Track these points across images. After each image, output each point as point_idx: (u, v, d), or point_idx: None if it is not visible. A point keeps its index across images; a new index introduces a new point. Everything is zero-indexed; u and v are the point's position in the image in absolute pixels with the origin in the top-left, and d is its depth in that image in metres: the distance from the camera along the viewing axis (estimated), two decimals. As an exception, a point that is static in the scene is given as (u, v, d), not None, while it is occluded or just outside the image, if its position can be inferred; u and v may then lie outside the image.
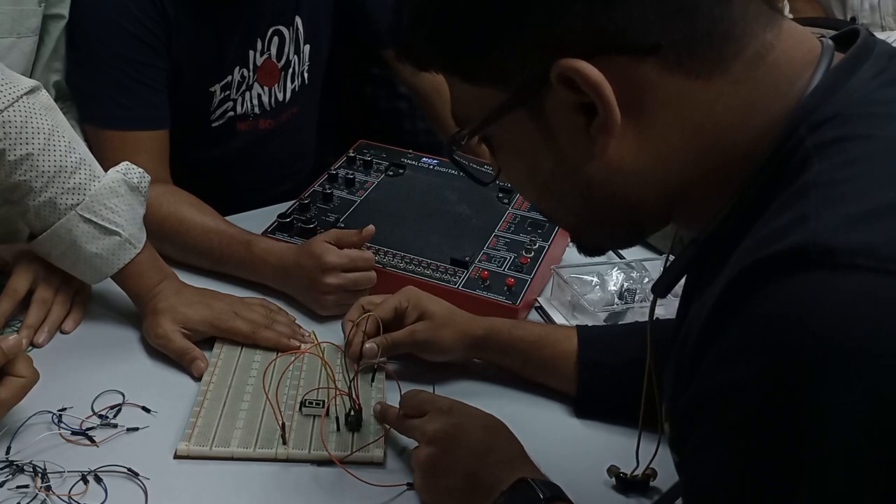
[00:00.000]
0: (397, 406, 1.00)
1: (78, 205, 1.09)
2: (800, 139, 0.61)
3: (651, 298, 0.82)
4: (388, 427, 1.01)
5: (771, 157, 0.62)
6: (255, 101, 1.52)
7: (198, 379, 1.09)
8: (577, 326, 1.11)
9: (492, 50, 0.64)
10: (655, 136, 0.64)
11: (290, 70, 1.54)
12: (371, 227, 1.25)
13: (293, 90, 1.56)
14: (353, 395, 1.01)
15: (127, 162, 1.17)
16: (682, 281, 0.74)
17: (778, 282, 0.53)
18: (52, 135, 1.09)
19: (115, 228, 1.11)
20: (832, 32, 0.69)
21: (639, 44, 0.61)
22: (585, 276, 1.29)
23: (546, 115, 0.65)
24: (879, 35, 2.20)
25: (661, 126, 0.64)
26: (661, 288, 0.76)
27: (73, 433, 0.99)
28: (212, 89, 1.45)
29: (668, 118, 0.64)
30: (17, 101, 1.08)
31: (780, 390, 0.53)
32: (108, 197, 1.12)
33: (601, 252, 0.81)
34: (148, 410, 1.03)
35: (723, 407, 0.57)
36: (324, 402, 1.03)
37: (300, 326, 1.20)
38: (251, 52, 1.47)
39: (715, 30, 0.62)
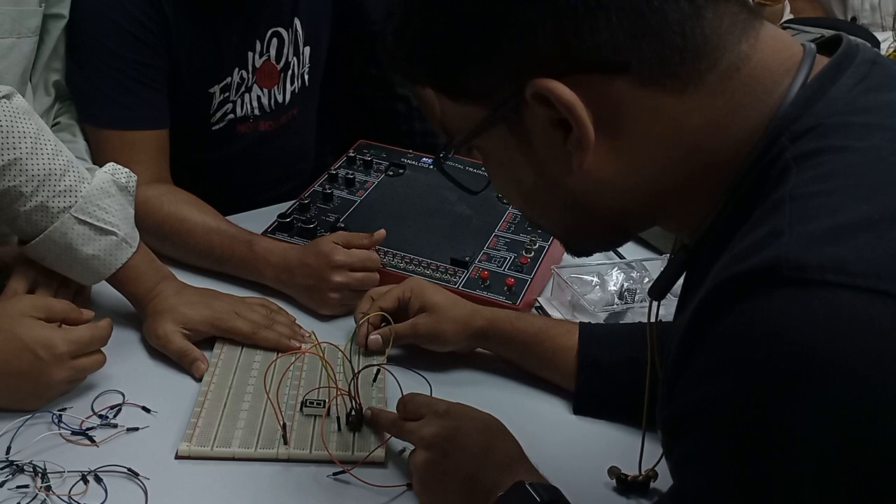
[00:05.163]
0: (391, 410, 1.00)
1: (71, 207, 1.08)
2: (781, 149, 0.62)
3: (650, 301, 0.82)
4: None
5: (752, 165, 0.63)
6: (255, 103, 1.51)
7: (198, 379, 1.09)
8: (580, 323, 1.12)
9: (470, 70, 0.66)
10: (632, 149, 0.66)
11: (290, 72, 1.54)
12: (382, 231, 1.26)
13: (293, 92, 1.56)
14: (354, 395, 1.01)
15: (112, 163, 1.17)
16: (682, 281, 0.75)
17: (751, 298, 0.54)
18: (38, 138, 1.07)
19: (110, 228, 1.11)
20: (819, 37, 0.69)
21: (610, 62, 0.62)
22: (585, 276, 1.29)
23: (526, 130, 0.67)
24: (879, 34, 2.20)
25: (638, 139, 0.65)
26: (656, 291, 0.78)
27: (73, 433, 0.98)
28: (211, 90, 1.45)
29: (644, 132, 0.65)
30: None
31: (752, 406, 0.54)
32: (101, 197, 1.11)
33: (589, 254, 0.83)
34: (148, 410, 1.03)
35: (700, 422, 0.58)
36: (325, 402, 1.03)
37: (300, 326, 1.20)
38: (250, 54, 1.47)
39: (686, 46, 0.62)
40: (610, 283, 1.28)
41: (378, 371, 1.10)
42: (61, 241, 1.08)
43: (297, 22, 1.51)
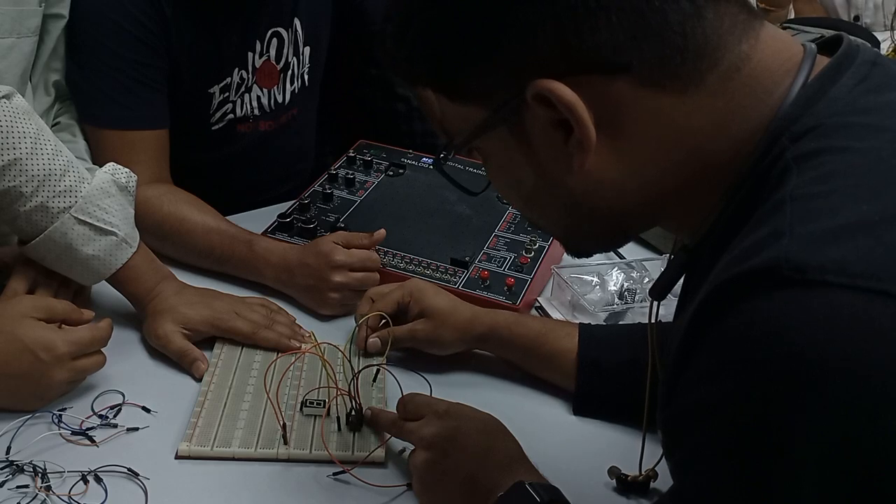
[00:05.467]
0: (391, 410, 1.00)
1: (71, 207, 1.08)
2: (781, 149, 0.62)
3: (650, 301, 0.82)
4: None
5: (753, 166, 0.63)
6: (255, 104, 1.51)
7: (198, 379, 1.09)
8: (580, 324, 1.12)
9: (469, 71, 0.66)
10: (633, 149, 0.66)
11: (290, 72, 1.54)
12: (382, 231, 1.26)
13: (293, 92, 1.56)
14: (354, 395, 1.01)
15: (112, 163, 1.16)
16: (682, 281, 0.75)
17: (751, 299, 0.54)
18: (37, 138, 1.07)
19: (110, 229, 1.10)
20: (819, 37, 0.69)
21: (610, 63, 0.62)
22: (585, 276, 1.29)
23: (526, 131, 0.67)
24: (882, 34, 2.20)
25: (638, 140, 0.65)
26: (656, 292, 0.78)
27: (73, 433, 0.98)
28: (211, 90, 1.45)
29: (645, 132, 0.65)
30: None
31: (752, 406, 0.54)
32: (101, 198, 1.10)
33: (589, 255, 0.83)
34: (148, 410, 1.03)
35: (700, 423, 0.58)
36: (324, 402, 1.03)
37: (300, 326, 1.20)
38: (250, 54, 1.47)
39: (687, 46, 0.62)
40: (610, 283, 1.28)
41: (378, 371, 1.10)
42: (61, 241, 1.08)
43: (297, 22, 1.51)
